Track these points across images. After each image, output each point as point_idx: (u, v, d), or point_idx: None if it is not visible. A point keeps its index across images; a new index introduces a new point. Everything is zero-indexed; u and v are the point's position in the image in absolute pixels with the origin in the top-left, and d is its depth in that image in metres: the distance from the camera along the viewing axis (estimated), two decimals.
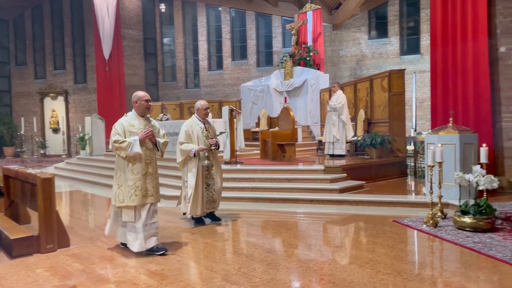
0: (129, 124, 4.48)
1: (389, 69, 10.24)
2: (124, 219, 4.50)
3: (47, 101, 19.71)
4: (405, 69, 10.12)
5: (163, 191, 6.21)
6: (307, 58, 14.64)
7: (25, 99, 19.96)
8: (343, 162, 8.71)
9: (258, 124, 14.23)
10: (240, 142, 9.26)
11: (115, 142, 4.35)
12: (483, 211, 5.04)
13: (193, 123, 5.72)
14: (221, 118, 10.50)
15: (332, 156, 9.78)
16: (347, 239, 5.30)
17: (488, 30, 7.04)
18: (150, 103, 4.60)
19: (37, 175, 4.71)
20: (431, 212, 5.42)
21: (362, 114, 10.36)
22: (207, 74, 19.61)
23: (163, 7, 18.92)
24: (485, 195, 5.19)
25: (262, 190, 7.63)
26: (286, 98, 13.89)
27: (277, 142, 9.39)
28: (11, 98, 20.19)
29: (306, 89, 13.80)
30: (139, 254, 4.45)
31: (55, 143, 19.02)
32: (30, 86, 19.94)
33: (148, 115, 4.68)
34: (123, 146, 4.33)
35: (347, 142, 9.78)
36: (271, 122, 13.67)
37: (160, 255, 4.39)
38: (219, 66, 19.53)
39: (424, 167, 7.36)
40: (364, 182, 7.89)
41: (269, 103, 14.70)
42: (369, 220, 5.90)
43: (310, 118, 13.60)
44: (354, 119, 10.57)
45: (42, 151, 18.72)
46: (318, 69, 14.47)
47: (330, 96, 10.69)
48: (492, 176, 5.14)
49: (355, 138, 9.73)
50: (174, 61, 20.29)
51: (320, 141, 11.55)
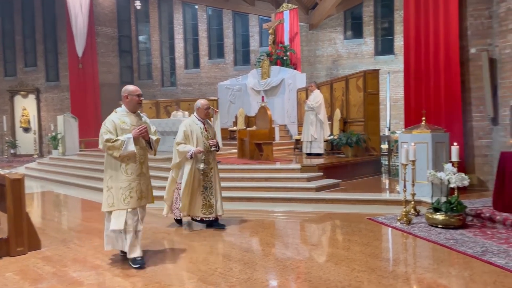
0: (120, 121, 4.12)
1: (364, 69, 10.40)
2: (112, 227, 4.04)
3: (18, 99, 19.07)
4: (379, 69, 10.29)
5: None
6: (284, 58, 14.72)
7: None
8: (320, 161, 8.79)
9: (235, 123, 14.22)
10: (218, 141, 9.19)
11: (107, 141, 4.00)
12: (455, 208, 5.18)
13: (192, 123, 5.46)
14: None
15: (310, 155, 9.86)
16: (323, 237, 5.35)
17: (459, 32, 7.24)
18: (142, 98, 4.29)
19: (6, 176, 4.56)
20: (404, 209, 5.54)
21: (338, 114, 10.48)
22: (184, 73, 19.44)
23: (138, 4, 18.59)
24: (456, 193, 5.34)
25: (239, 189, 7.62)
26: (263, 97, 13.93)
27: (254, 141, 9.39)
28: None
29: (283, 88, 13.88)
30: (114, 256, 4.36)
31: (26, 142, 18.41)
32: None
33: (138, 111, 4.35)
34: (116, 145, 3.99)
35: (324, 141, 9.88)
36: (249, 121, 13.68)
37: (136, 268, 4.00)
38: (196, 64, 19.39)
39: (398, 166, 7.50)
40: (340, 180, 7.99)
41: (246, 102, 14.69)
42: (345, 218, 5.97)
43: (287, 117, 13.69)
44: (330, 118, 10.68)
45: (12, 151, 18.13)
46: (295, 68, 14.58)
47: (307, 96, 10.77)
48: (463, 174, 5.30)
49: (332, 137, 9.85)
50: (150, 59, 20.01)
51: (297, 140, 11.63)
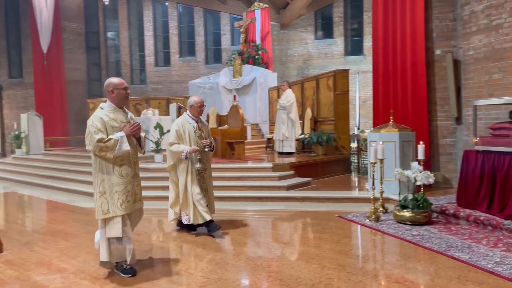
0: (110, 118, 3.72)
1: (334, 69, 10.54)
2: (109, 234, 3.70)
3: None
4: (349, 69, 10.46)
5: None
6: (256, 57, 14.74)
7: None
8: (291, 159, 8.86)
9: (207, 122, 14.12)
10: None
11: (99, 141, 3.59)
12: (421, 205, 5.33)
13: (184, 122, 5.13)
14: (168, 115, 10.29)
15: (282, 153, 9.92)
16: (295, 235, 5.39)
17: (425, 34, 7.46)
18: (129, 91, 3.88)
19: None
20: (373, 207, 5.65)
21: (309, 113, 10.59)
22: (154, 70, 19.13)
23: None
24: (422, 190, 5.50)
25: None
26: (235, 96, 13.91)
27: (226, 140, 9.36)
28: None
29: (255, 87, 13.89)
30: (79, 259, 4.24)
31: None
32: None
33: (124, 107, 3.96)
34: (109, 145, 3.61)
35: (295, 140, 9.96)
36: (220, 120, 13.62)
37: (128, 276, 3.77)
38: (167, 62, 19.12)
39: (367, 164, 7.65)
40: (311, 179, 8.08)
41: (218, 100, 14.62)
42: (315, 216, 6.04)
43: (259, 116, 13.71)
44: (301, 117, 10.77)
45: None
46: (267, 67, 14.62)
47: (279, 95, 10.83)
48: (428, 172, 5.46)
49: (303, 136, 9.94)
50: (118, 56, 19.57)
51: (269, 138, 11.68)
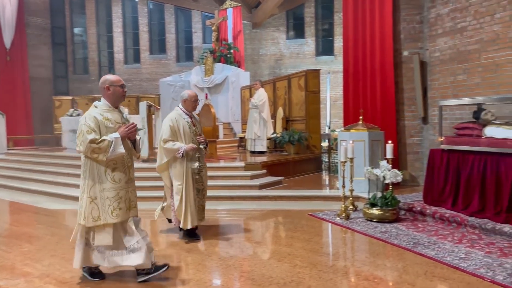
0: (104, 118, 3.49)
1: (305, 69, 10.63)
2: (97, 242, 3.48)
3: None
4: (320, 69, 10.56)
5: None
6: (228, 55, 14.69)
7: None
8: (263, 158, 8.87)
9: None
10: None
11: (92, 142, 3.36)
12: (389, 203, 5.45)
13: (178, 117, 4.80)
14: (138, 114, 10.07)
15: (254, 152, 9.93)
16: (267, 234, 5.40)
17: (393, 35, 7.64)
18: (126, 89, 3.64)
19: None
20: (343, 205, 5.74)
21: (280, 112, 10.64)
22: (123, 68, 18.72)
23: None
24: (390, 188, 5.63)
25: None
26: (207, 94, 13.79)
27: None
28: None
29: (227, 86, 13.84)
30: (44, 263, 4.09)
31: None
32: None
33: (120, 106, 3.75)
34: (102, 147, 3.37)
35: (267, 139, 9.99)
36: None
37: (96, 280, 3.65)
38: (136, 59, 18.76)
39: (337, 163, 7.76)
40: (283, 177, 8.13)
41: None
42: (287, 215, 6.07)
43: (231, 115, 13.66)
44: (273, 116, 10.81)
45: None
46: (239, 66, 14.60)
47: (251, 94, 10.83)
48: (396, 171, 5.59)
49: (274, 135, 9.98)
50: (86, 52, 19.02)
51: (241, 138, 11.66)
